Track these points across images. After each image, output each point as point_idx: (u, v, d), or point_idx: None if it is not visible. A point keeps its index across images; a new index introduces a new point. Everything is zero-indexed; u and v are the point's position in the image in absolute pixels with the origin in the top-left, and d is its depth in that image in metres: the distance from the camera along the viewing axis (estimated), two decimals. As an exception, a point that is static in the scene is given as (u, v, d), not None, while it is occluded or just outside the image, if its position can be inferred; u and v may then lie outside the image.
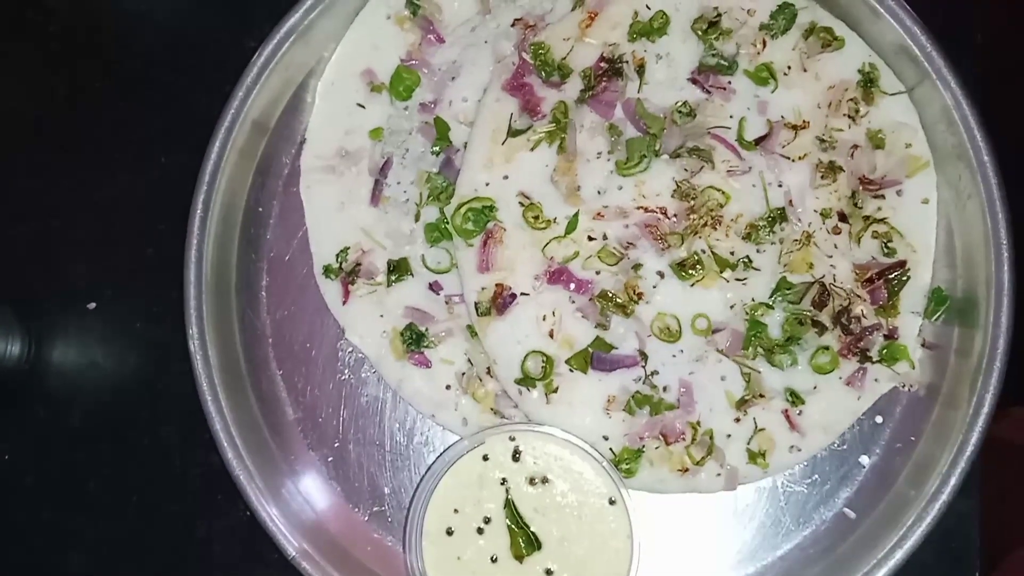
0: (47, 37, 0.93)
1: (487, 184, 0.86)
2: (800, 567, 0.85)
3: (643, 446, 0.84)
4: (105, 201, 0.91)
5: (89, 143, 0.92)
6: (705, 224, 0.85)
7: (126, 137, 0.92)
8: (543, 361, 0.84)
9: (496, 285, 0.85)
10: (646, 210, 0.85)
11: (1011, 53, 0.92)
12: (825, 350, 0.85)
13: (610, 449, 0.84)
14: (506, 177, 0.86)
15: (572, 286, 0.85)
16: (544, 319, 0.85)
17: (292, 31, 0.86)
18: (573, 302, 0.85)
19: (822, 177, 0.86)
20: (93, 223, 0.91)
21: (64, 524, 0.88)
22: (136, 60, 0.93)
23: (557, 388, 0.84)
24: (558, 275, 0.85)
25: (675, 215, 0.85)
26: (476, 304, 0.85)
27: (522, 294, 0.85)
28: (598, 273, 0.85)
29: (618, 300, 0.84)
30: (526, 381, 0.84)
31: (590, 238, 0.85)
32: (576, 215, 0.85)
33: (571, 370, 0.84)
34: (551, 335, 0.84)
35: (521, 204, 0.85)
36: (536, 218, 0.85)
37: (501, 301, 0.84)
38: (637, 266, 0.84)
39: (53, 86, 0.93)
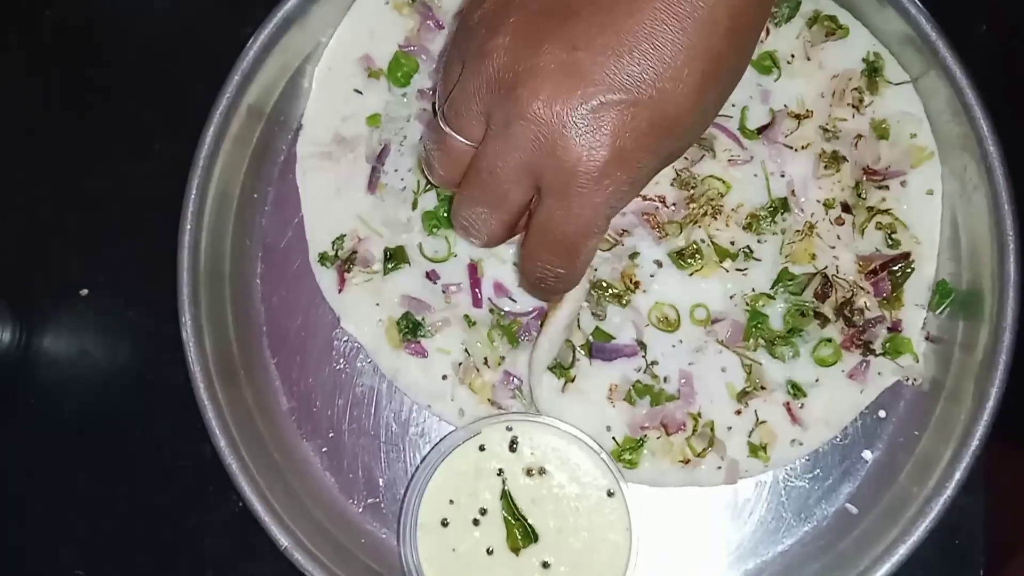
0: (41, 24, 0.92)
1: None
2: (801, 563, 0.84)
3: (644, 436, 0.83)
4: (98, 189, 0.90)
5: (82, 131, 0.91)
6: (705, 213, 0.84)
7: (120, 125, 0.91)
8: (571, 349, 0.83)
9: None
10: (644, 198, 0.84)
11: (1017, 42, 0.91)
12: (827, 342, 0.84)
13: (612, 438, 0.82)
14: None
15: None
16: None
17: (289, 16, 0.85)
18: None
19: (825, 167, 0.85)
20: (86, 211, 0.90)
21: (54, 515, 0.87)
22: (130, 48, 0.92)
23: (575, 377, 0.83)
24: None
25: (674, 204, 0.84)
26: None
27: (520, 283, 0.84)
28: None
29: (614, 290, 0.83)
30: (558, 369, 0.84)
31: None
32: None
33: (577, 359, 0.83)
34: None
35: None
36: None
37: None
38: (634, 255, 0.83)
39: (46, 74, 0.92)
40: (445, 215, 0.85)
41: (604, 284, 0.83)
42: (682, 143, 0.68)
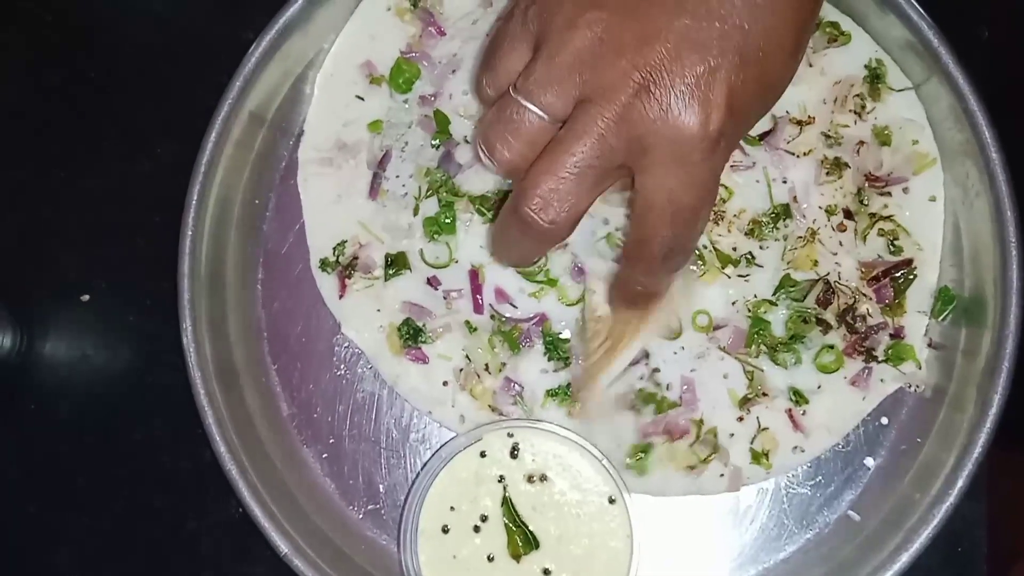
0: (42, 26, 0.92)
1: (491, 177, 0.85)
2: (803, 570, 0.83)
3: (651, 442, 0.82)
4: (99, 192, 0.90)
5: (83, 133, 0.91)
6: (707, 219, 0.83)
7: (121, 128, 0.91)
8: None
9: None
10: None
11: (1019, 48, 0.91)
12: (830, 349, 0.83)
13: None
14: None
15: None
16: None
17: (291, 22, 0.84)
18: None
19: (827, 173, 0.85)
20: (87, 214, 0.90)
21: (52, 519, 0.86)
22: (132, 51, 0.92)
23: None
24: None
25: (678, 209, 0.84)
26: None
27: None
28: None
29: None
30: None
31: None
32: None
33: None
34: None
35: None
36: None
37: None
38: None
39: (47, 76, 0.92)
40: (447, 221, 0.85)
41: None
42: (778, 97, 0.69)
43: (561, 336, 0.84)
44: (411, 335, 0.84)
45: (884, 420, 0.85)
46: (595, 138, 0.63)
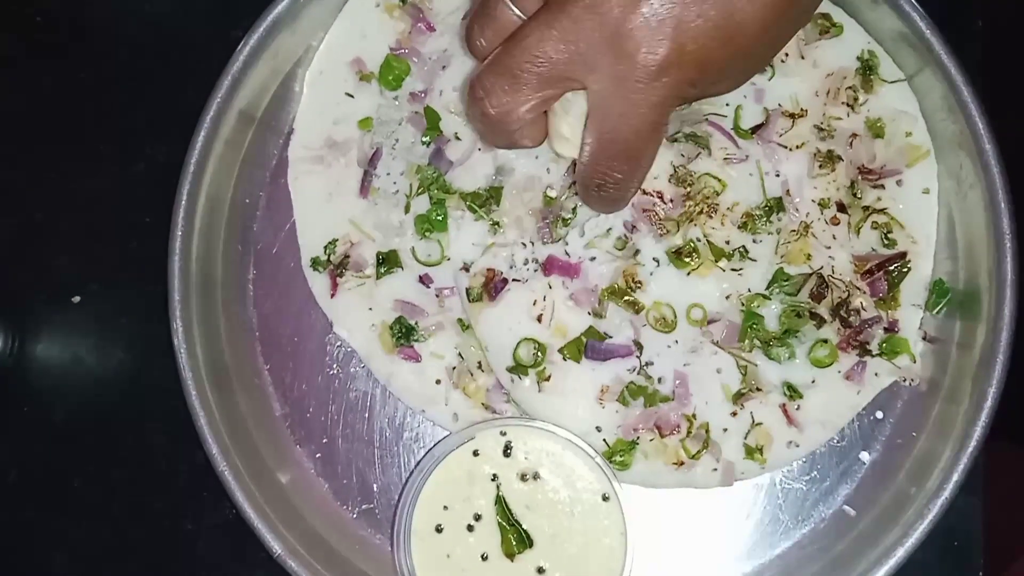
0: (31, 27, 0.92)
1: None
2: (799, 565, 0.83)
3: (637, 438, 0.82)
4: (90, 194, 0.90)
5: (73, 135, 0.91)
6: (701, 212, 0.83)
7: (111, 129, 0.90)
8: (535, 348, 0.82)
9: (487, 269, 0.83)
10: (643, 192, 0.83)
11: (1013, 39, 0.90)
12: (824, 343, 0.83)
13: (603, 440, 0.82)
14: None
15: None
16: (535, 304, 0.83)
17: (279, 20, 0.84)
18: (566, 287, 0.83)
19: (820, 166, 0.84)
20: (78, 216, 0.89)
21: (47, 522, 0.86)
22: (121, 51, 0.92)
23: (549, 376, 0.82)
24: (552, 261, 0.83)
25: (671, 200, 0.83)
26: (467, 290, 0.83)
27: (513, 280, 0.83)
28: (593, 259, 0.83)
29: (628, 298, 0.82)
30: (518, 369, 0.82)
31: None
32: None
33: (564, 359, 0.82)
34: (539, 319, 0.83)
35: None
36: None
37: (492, 287, 0.83)
38: (636, 252, 0.83)
39: (37, 77, 0.91)
40: (438, 219, 0.84)
41: (617, 288, 0.82)
42: (746, 64, 0.68)
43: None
44: (403, 333, 0.84)
45: (879, 414, 0.85)
46: (537, 43, 0.65)
